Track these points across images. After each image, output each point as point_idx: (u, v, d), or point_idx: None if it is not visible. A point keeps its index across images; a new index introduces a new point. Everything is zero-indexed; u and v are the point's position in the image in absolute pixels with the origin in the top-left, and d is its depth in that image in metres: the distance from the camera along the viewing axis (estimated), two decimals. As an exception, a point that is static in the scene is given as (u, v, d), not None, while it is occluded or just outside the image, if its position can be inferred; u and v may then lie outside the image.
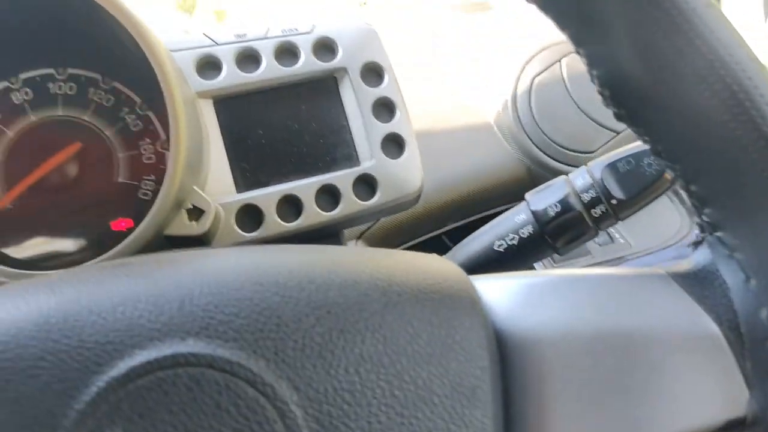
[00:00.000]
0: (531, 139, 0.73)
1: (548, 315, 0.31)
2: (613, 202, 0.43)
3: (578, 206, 0.43)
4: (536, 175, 0.74)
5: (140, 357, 0.25)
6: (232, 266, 0.29)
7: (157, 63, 0.41)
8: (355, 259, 0.30)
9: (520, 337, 0.30)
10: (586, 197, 0.43)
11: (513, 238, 0.44)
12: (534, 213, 0.44)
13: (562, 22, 0.31)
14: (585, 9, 0.30)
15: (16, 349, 0.25)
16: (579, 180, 0.44)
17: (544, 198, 0.44)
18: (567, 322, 0.30)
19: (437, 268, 0.31)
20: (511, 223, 0.45)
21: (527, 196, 0.46)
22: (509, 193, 0.75)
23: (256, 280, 0.28)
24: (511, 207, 0.75)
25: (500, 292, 0.31)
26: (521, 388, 0.29)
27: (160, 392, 0.24)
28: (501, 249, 0.45)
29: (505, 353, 0.29)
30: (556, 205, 0.43)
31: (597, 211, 0.43)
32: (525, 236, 0.44)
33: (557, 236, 0.44)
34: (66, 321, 0.26)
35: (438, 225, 0.73)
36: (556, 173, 0.73)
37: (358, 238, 0.68)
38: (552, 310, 0.31)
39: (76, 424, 0.24)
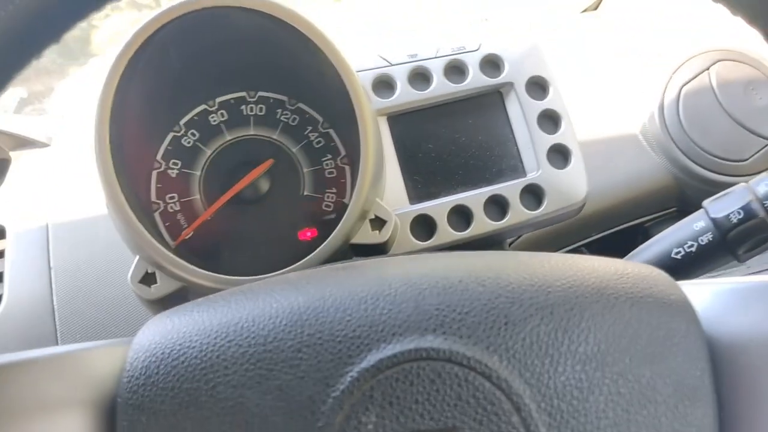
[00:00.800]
0: (680, 149, 0.72)
1: (756, 319, 0.31)
2: (799, 209, 0.42)
3: (762, 213, 0.43)
4: (684, 185, 0.73)
5: (387, 350, 0.27)
6: (452, 268, 0.31)
7: (351, 84, 0.44)
8: (563, 263, 0.32)
9: (729, 340, 0.30)
10: (770, 204, 0.43)
11: (691, 246, 0.44)
12: (714, 220, 0.44)
13: (753, 21, 0.31)
14: None
15: (274, 341, 0.28)
16: (761, 187, 0.43)
17: (724, 205, 0.44)
18: None
19: (645, 273, 0.32)
20: (690, 230, 0.45)
21: (705, 203, 0.46)
22: (655, 203, 0.74)
23: (478, 282, 0.30)
24: (656, 216, 0.75)
25: (706, 297, 0.32)
26: (732, 389, 0.29)
27: (407, 383, 0.27)
28: (678, 256, 0.45)
29: (715, 355, 0.30)
30: (738, 212, 0.43)
31: (780, 218, 0.42)
32: (704, 243, 0.44)
33: (739, 243, 0.44)
34: (317, 317, 0.29)
35: (581, 235, 0.73)
36: (707, 182, 0.72)
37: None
38: (760, 314, 0.31)
39: (333, 410, 0.26)
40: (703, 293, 0.32)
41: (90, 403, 0.28)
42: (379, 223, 0.46)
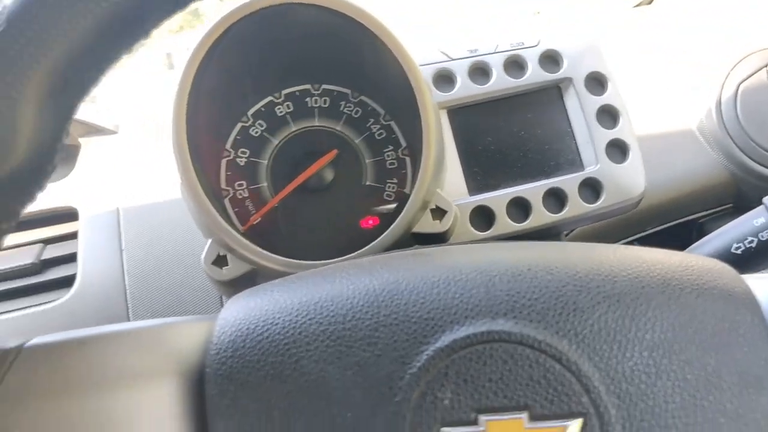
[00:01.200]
0: (737, 145, 0.71)
1: None
2: None
3: None
4: (740, 181, 0.73)
5: (460, 332, 0.29)
6: (520, 257, 0.33)
7: (414, 78, 0.46)
8: (628, 254, 0.33)
9: None
10: (831, 200, 0.43)
11: (752, 241, 0.45)
12: (775, 217, 0.45)
13: None
14: None
15: (352, 320, 0.30)
16: None
17: (785, 201, 0.45)
18: None
19: (710, 266, 0.33)
20: (750, 226, 0.45)
21: (766, 200, 0.46)
22: (711, 199, 0.74)
23: (546, 270, 0.31)
24: (711, 212, 0.75)
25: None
26: None
27: (480, 362, 0.28)
28: (738, 252, 0.45)
29: None
30: None
31: (842, 215, 0.43)
32: (765, 239, 0.44)
33: (800, 240, 0.44)
34: (392, 299, 0.30)
35: (636, 230, 0.73)
36: (763, 179, 0.71)
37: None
38: None
39: (410, 386, 0.28)
40: (765, 286, 0.33)
41: (179, 373, 0.30)
42: (439, 213, 0.48)
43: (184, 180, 0.46)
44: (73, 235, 0.64)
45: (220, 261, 0.47)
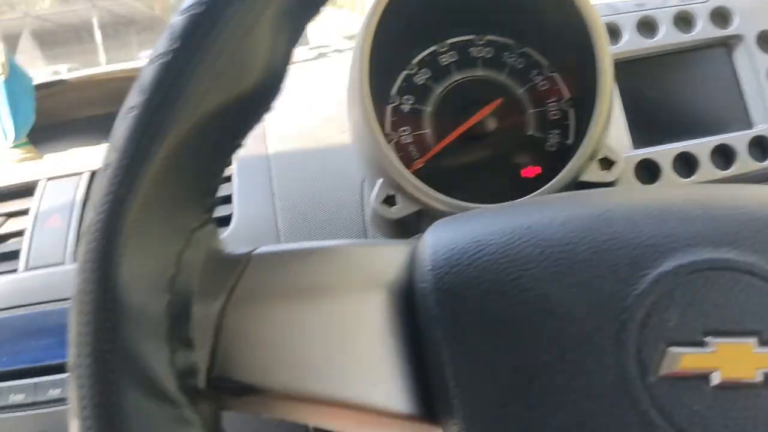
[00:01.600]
0: None
1: None
2: None
3: None
4: None
5: (683, 259, 0.29)
6: (734, 194, 0.33)
7: (596, 29, 0.46)
8: None
9: None
10: None
11: None
12: None
13: None
14: None
15: (569, 245, 0.31)
16: None
17: None
18: None
19: None
20: None
21: None
22: None
23: (764, 206, 0.31)
24: None
25: None
26: None
27: (706, 288, 0.29)
28: None
29: None
30: None
31: None
32: None
33: None
34: (607, 226, 0.31)
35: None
36: None
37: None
38: None
39: (636, 306, 0.29)
40: None
41: (388, 288, 0.32)
42: (607, 163, 0.48)
43: (365, 121, 0.47)
44: (227, 179, 0.67)
45: (389, 200, 0.49)
